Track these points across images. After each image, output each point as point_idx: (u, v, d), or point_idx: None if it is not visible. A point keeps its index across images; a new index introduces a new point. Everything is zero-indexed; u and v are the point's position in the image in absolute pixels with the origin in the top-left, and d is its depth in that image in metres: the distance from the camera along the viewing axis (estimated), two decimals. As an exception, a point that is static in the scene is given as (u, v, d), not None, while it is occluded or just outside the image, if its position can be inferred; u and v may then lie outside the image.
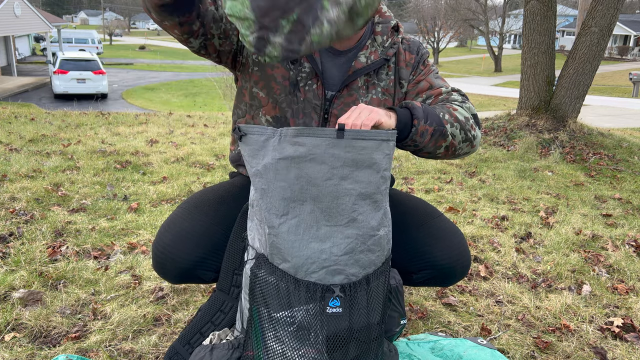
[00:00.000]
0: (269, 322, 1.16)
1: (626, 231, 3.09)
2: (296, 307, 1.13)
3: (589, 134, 5.94)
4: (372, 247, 1.18)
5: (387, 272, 1.24)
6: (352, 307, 1.16)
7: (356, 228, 1.16)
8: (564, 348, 1.80)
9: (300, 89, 1.41)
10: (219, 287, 1.37)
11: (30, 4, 23.54)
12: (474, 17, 37.53)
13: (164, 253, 1.38)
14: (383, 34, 1.45)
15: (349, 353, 1.16)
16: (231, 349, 1.23)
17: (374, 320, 1.20)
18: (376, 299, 1.21)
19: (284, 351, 1.14)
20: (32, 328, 1.72)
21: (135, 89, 22.15)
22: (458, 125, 1.31)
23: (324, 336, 1.14)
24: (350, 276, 1.16)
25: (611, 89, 24.94)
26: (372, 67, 1.42)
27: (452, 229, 1.50)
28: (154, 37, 64.00)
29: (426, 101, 1.43)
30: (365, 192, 1.15)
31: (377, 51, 1.43)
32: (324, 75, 1.42)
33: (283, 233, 1.14)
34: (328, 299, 1.13)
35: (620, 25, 37.23)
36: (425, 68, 1.49)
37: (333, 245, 1.14)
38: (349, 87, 1.42)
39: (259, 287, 1.17)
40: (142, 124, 6.21)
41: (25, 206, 2.85)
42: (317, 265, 1.14)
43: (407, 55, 1.48)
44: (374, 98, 1.44)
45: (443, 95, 1.43)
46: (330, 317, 1.14)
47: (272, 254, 1.16)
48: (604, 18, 5.54)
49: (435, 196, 3.66)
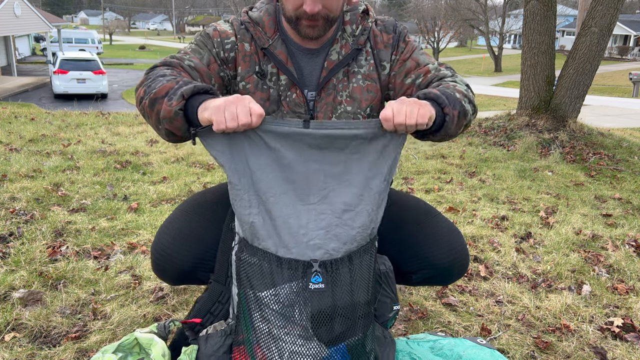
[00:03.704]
0: (255, 303, 1.18)
1: (626, 231, 3.09)
2: (279, 285, 1.16)
3: (589, 134, 5.94)
4: (349, 222, 1.21)
5: (372, 252, 1.25)
6: (335, 284, 1.18)
7: (328, 204, 1.20)
8: (564, 348, 1.80)
9: (282, 102, 1.42)
10: (215, 279, 1.37)
11: (30, 4, 23.53)
12: (474, 17, 37.51)
13: (163, 255, 1.38)
14: (352, 22, 1.43)
15: (334, 329, 1.18)
16: (223, 336, 1.26)
17: (360, 299, 1.22)
18: (361, 278, 1.22)
19: (270, 330, 1.17)
20: (32, 328, 1.72)
21: (135, 89, 22.12)
22: (467, 100, 1.30)
23: (308, 313, 1.16)
24: (330, 251, 1.19)
25: (611, 89, 24.94)
26: (344, 61, 1.41)
27: (449, 227, 1.50)
28: (154, 37, 64.01)
29: (416, 81, 1.42)
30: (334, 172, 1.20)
31: (348, 43, 1.42)
32: (304, 78, 1.43)
33: (262, 213, 1.18)
34: (310, 275, 1.15)
35: (620, 25, 37.22)
36: (407, 45, 1.46)
37: (309, 222, 1.18)
38: (325, 87, 1.42)
39: (244, 269, 1.20)
40: (142, 123, 6.21)
41: (25, 206, 2.85)
42: (295, 240, 1.17)
43: (385, 36, 1.45)
44: (355, 87, 1.43)
45: (432, 73, 1.41)
46: (314, 293, 1.16)
47: (253, 235, 1.19)
48: (604, 18, 5.53)
49: (435, 196, 3.66)
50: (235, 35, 1.41)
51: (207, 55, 1.38)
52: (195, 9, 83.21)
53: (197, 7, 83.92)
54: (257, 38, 1.40)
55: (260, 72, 1.41)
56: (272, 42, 1.40)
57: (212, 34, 1.40)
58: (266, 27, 1.41)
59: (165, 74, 1.25)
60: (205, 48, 1.39)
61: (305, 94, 1.43)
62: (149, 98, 1.20)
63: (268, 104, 1.43)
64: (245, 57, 1.40)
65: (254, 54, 1.41)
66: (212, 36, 1.40)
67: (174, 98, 1.15)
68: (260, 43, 1.39)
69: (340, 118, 1.45)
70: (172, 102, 1.15)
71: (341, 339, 1.20)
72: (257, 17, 1.42)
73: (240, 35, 1.40)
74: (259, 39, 1.40)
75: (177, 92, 1.16)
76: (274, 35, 1.41)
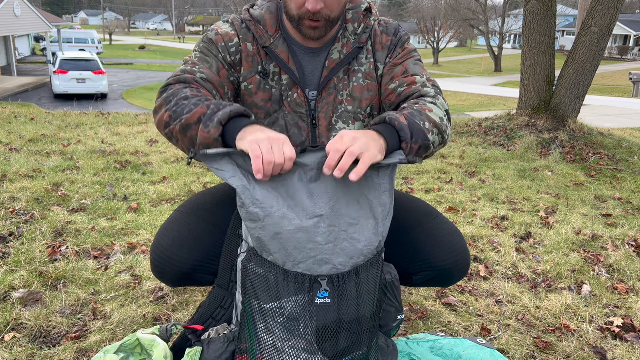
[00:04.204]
0: (260, 314, 1.17)
1: (626, 231, 3.09)
2: (285, 298, 1.15)
3: (589, 133, 5.94)
4: (356, 236, 1.19)
5: (379, 265, 1.24)
6: (341, 298, 1.17)
7: (336, 217, 1.18)
8: (564, 348, 1.80)
9: (284, 102, 1.42)
10: (218, 284, 1.37)
11: (30, 4, 23.54)
12: (474, 17, 37.52)
13: (163, 258, 1.38)
14: (354, 20, 1.42)
15: (339, 344, 1.17)
16: (226, 342, 1.25)
17: (365, 312, 1.21)
18: (367, 292, 1.21)
19: (275, 342, 1.16)
20: (32, 328, 1.72)
21: (135, 89, 22.15)
22: (436, 130, 1.27)
23: (313, 327, 1.15)
24: (337, 266, 1.17)
25: (611, 89, 24.94)
26: (345, 61, 1.41)
27: (450, 229, 1.49)
28: (154, 37, 64.00)
29: (399, 89, 1.39)
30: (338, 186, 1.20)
31: (350, 42, 1.42)
32: (305, 77, 1.42)
33: (268, 226, 1.16)
34: (316, 290, 1.14)
35: (620, 25, 37.22)
36: (403, 51, 1.45)
37: (317, 235, 1.17)
38: (326, 87, 1.42)
39: (250, 279, 1.19)
40: (142, 123, 6.21)
41: (25, 206, 2.85)
42: (304, 255, 1.16)
43: (384, 37, 1.44)
44: (355, 86, 1.43)
45: (416, 86, 1.38)
46: (320, 308, 1.15)
47: (261, 248, 1.18)
48: (604, 18, 5.54)
49: (435, 196, 3.66)
50: (238, 35, 1.40)
51: (215, 62, 1.37)
52: (195, 9, 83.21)
53: (197, 7, 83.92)
54: (258, 37, 1.39)
55: (263, 72, 1.40)
56: (274, 40, 1.40)
57: (215, 38, 1.39)
58: (268, 25, 1.40)
59: (187, 96, 1.24)
60: (211, 55, 1.38)
61: (308, 93, 1.43)
62: (179, 124, 1.21)
63: (270, 104, 1.42)
64: (248, 57, 1.40)
65: (256, 53, 1.40)
66: (215, 41, 1.39)
67: (210, 125, 1.16)
68: (261, 42, 1.39)
69: (341, 118, 1.44)
70: (210, 130, 1.16)
71: (346, 353, 1.19)
72: (259, 15, 1.41)
73: (243, 35, 1.40)
74: (260, 37, 1.39)
75: (213, 119, 1.17)
76: (275, 33, 1.40)
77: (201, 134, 1.17)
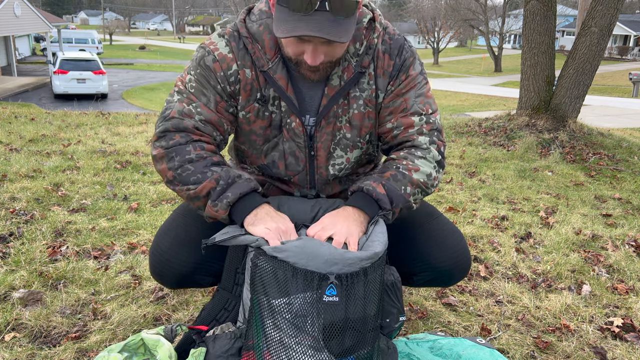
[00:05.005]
0: (268, 310, 1.18)
1: (626, 231, 3.09)
2: (293, 294, 1.16)
3: (588, 134, 5.94)
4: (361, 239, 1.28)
5: (382, 266, 1.27)
6: (349, 297, 1.18)
7: None
8: (564, 348, 1.80)
9: (283, 129, 1.38)
10: (221, 286, 1.37)
11: (30, 4, 23.54)
12: (474, 17, 37.51)
13: (161, 260, 1.38)
14: (356, 39, 1.31)
15: (344, 342, 1.19)
16: (233, 338, 1.26)
17: (370, 312, 1.22)
18: (372, 292, 1.23)
19: (282, 338, 1.17)
20: (32, 328, 1.72)
21: (135, 89, 22.15)
22: (419, 190, 1.33)
23: (320, 324, 1.16)
24: (347, 267, 1.19)
25: (611, 89, 24.94)
26: (346, 87, 1.33)
27: (451, 230, 1.49)
28: (154, 37, 64.00)
29: (394, 131, 1.36)
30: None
31: (351, 65, 1.32)
32: (305, 104, 1.36)
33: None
34: (324, 287, 1.16)
35: (620, 25, 37.21)
36: (407, 79, 1.35)
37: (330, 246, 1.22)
38: (326, 116, 1.36)
39: (259, 275, 1.20)
40: (142, 124, 6.21)
41: (25, 206, 2.86)
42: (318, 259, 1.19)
43: (387, 60, 1.34)
44: (355, 113, 1.37)
45: (412, 131, 1.34)
46: (327, 306, 1.16)
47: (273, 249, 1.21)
48: (604, 18, 5.54)
49: (435, 196, 3.67)
50: (236, 61, 1.32)
51: (213, 95, 1.31)
52: (195, 9, 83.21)
53: (197, 7, 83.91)
54: (256, 59, 1.31)
55: (262, 99, 1.34)
56: (272, 65, 1.31)
57: (213, 66, 1.31)
58: (266, 47, 1.31)
59: (192, 158, 1.27)
60: (208, 86, 1.31)
61: (307, 119, 1.37)
62: (186, 193, 1.27)
63: (269, 131, 1.38)
64: (247, 85, 1.33)
65: (254, 80, 1.33)
66: (213, 69, 1.31)
67: (219, 205, 1.24)
68: (259, 64, 1.31)
69: (339, 145, 1.41)
70: (219, 210, 1.25)
71: (351, 351, 1.20)
72: (257, 32, 1.31)
73: (241, 61, 1.32)
74: (258, 59, 1.31)
75: (222, 200, 1.24)
76: (274, 57, 1.31)
77: (209, 210, 1.25)
